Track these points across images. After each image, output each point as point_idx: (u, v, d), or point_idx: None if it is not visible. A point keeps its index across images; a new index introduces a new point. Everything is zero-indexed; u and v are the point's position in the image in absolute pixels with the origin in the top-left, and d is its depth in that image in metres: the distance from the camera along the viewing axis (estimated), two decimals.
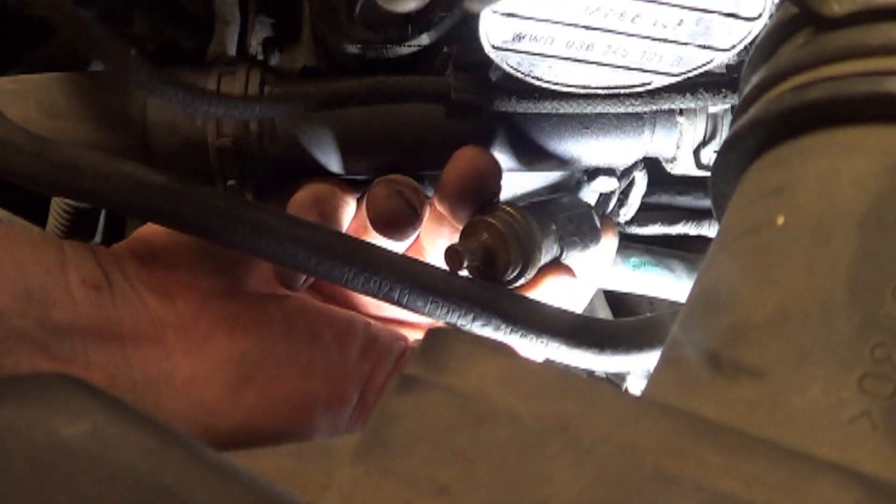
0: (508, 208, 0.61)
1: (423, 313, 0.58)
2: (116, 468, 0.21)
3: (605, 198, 0.86)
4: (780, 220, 0.25)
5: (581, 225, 0.67)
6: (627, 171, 0.76)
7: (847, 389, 0.22)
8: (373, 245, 0.60)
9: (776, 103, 0.26)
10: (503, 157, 0.75)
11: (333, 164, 0.73)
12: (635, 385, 0.96)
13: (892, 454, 0.21)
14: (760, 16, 0.52)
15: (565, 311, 0.61)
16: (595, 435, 0.22)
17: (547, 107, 0.68)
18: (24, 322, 0.48)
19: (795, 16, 0.27)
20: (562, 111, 0.68)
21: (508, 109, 0.68)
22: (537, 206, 0.67)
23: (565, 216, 0.66)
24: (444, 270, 0.61)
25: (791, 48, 0.27)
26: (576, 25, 0.58)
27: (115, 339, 0.51)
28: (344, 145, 0.71)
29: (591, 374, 0.65)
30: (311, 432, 0.54)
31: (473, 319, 0.60)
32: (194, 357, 0.53)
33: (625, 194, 0.78)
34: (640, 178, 0.77)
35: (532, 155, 0.75)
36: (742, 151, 0.29)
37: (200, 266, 0.58)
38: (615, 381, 0.96)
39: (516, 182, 0.84)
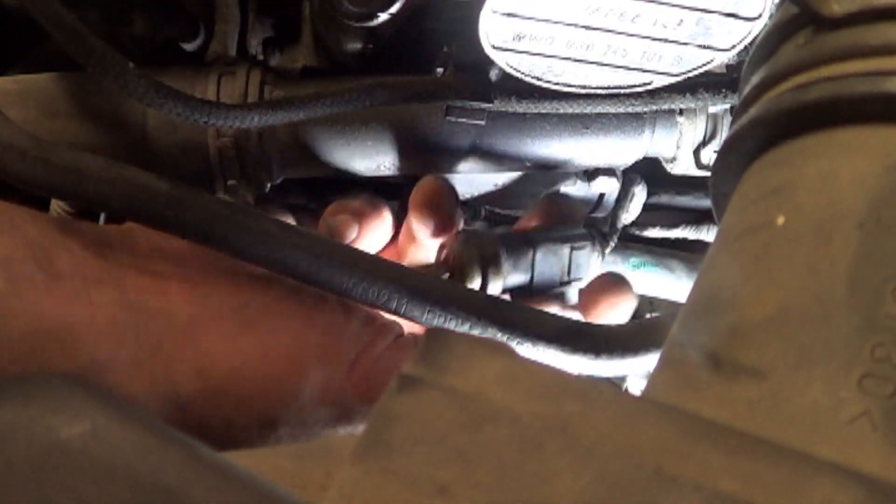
0: (475, 240, 0.64)
1: (420, 322, 0.59)
2: (116, 468, 0.21)
3: (603, 198, 0.85)
4: (780, 220, 0.25)
5: (556, 264, 0.68)
6: (626, 191, 0.77)
7: (847, 389, 0.22)
8: (372, 255, 0.61)
9: (776, 103, 0.26)
10: (503, 157, 0.75)
11: (334, 163, 0.73)
12: (635, 385, 0.96)
13: (892, 454, 0.21)
14: (760, 16, 0.52)
15: (561, 318, 0.62)
16: (595, 435, 0.22)
17: (547, 107, 0.68)
18: (28, 267, 0.50)
19: (795, 16, 0.27)
20: (562, 111, 0.68)
21: (508, 109, 0.68)
22: (516, 238, 0.68)
23: (545, 251, 0.66)
24: (442, 279, 0.62)
25: (791, 48, 0.27)
26: (576, 25, 0.58)
27: (117, 285, 0.52)
28: (344, 145, 0.71)
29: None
30: (302, 385, 0.54)
31: (470, 328, 0.60)
32: (195, 304, 0.54)
33: (621, 207, 0.78)
34: (640, 191, 0.77)
35: (532, 155, 0.75)
36: (742, 151, 0.29)
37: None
38: (615, 382, 0.96)
39: (516, 182, 0.84)
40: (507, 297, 0.66)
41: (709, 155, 0.76)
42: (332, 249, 0.59)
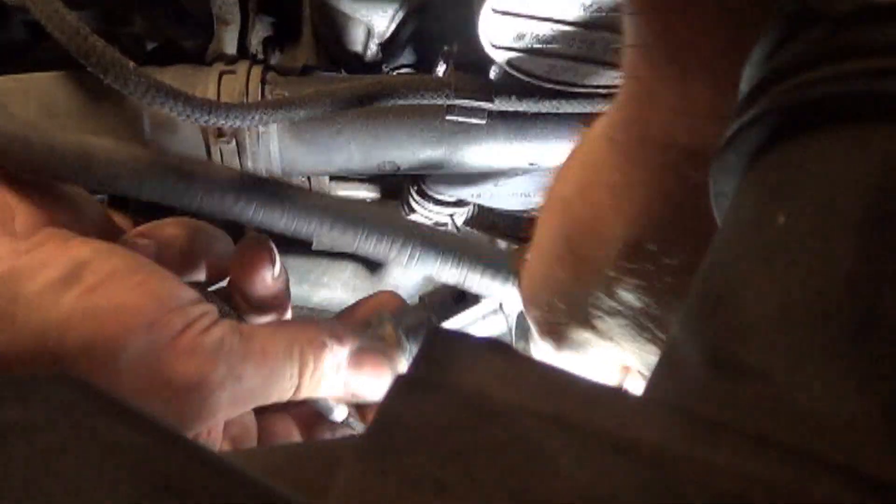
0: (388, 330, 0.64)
1: (433, 272, 0.61)
2: (117, 469, 0.21)
3: None
4: (781, 219, 0.25)
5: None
6: None
7: (847, 388, 0.22)
8: (378, 209, 0.62)
9: (776, 102, 0.26)
10: (503, 157, 0.75)
11: (334, 162, 0.73)
12: (635, 385, 0.96)
13: (892, 454, 0.21)
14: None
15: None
16: (595, 435, 0.22)
17: (547, 106, 0.68)
18: None
19: (796, 14, 0.27)
20: (562, 110, 0.68)
21: (509, 108, 0.68)
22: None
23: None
24: (451, 232, 0.64)
25: (792, 47, 0.27)
26: (576, 24, 0.58)
27: None
28: (344, 144, 0.72)
29: None
30: (124, 347, 0.53)
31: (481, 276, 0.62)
32: (19, 256, 0.54)
33: None
34: None
35: (532, 154, 0.75)
36: (742, 150, 0.29)
37: (56, 205, 0.59)
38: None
39: (516, 181, 0.84)
40: None
41: None
42: (343, 207, 0.61)
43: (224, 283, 0.65)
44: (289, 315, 0.67)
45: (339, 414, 0.63)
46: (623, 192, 0.44)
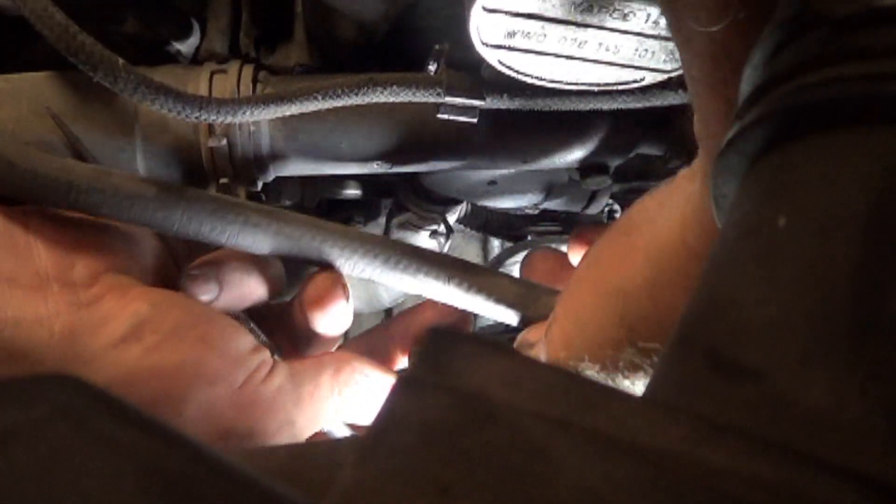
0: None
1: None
2: (120, 469, 0.21)
3: (595, 195, 0.86)
4: (782, 221, 0.25)
5: None
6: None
7: (848, 390, 0.22)
8: (355, 230, 0.63)
9: (778, 104, 0.27)
10: (495, 155, 0.75)
11: (325, 161, 0.73)
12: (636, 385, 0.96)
13: (892, 455, 0.21)
14: None
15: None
16: (597, 435, 0.22)
17: (539, 104, 0.68)
18: None
19: (797, 16, 0.27)
20: (554, 108, 0.68)
21: (500, 107, 0.68)
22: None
23: None
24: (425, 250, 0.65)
25: (793, 49, 0.27)
26: (567, 22, 0.58)
27: None
28: (336, 143, 0.71)
29: None
30: (188, 402, 0.54)
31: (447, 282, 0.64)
32: (78, 310, 0.53)
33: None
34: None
35: (524, 152, 0.75)
36: (743, 151, 0.29)
37: (114, 247, 0.59)
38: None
39: (508, 179, 0.84)
40: None
41: None
42: (321, 230, 0.61)
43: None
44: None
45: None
46: None
